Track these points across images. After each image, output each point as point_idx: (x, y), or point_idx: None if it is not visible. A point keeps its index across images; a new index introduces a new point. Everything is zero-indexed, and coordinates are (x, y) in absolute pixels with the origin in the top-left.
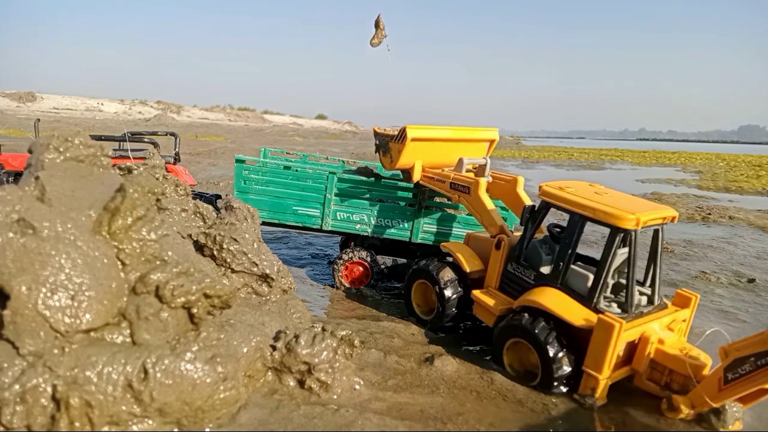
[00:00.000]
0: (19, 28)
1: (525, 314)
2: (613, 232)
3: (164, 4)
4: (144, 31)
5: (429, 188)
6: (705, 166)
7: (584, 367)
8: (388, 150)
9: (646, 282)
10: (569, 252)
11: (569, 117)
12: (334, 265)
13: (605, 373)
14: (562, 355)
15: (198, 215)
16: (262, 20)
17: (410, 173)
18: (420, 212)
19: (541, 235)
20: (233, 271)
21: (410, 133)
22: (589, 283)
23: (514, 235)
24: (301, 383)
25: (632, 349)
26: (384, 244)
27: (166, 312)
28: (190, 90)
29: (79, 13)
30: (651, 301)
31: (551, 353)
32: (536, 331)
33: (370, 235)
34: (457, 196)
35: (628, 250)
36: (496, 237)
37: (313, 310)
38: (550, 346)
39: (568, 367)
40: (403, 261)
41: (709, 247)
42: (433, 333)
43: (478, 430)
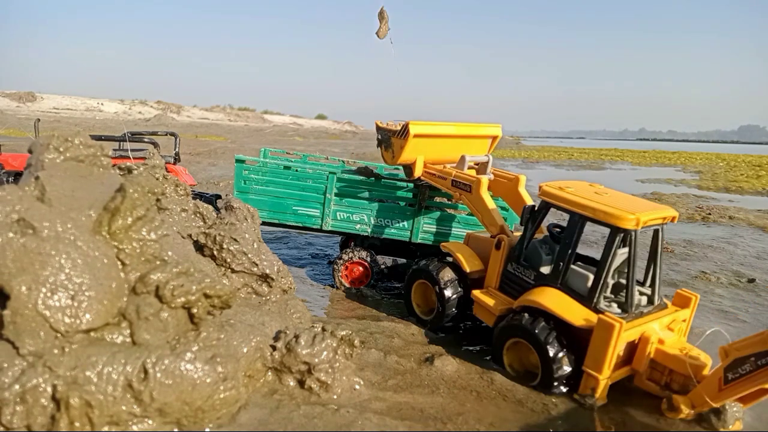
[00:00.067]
0: (19, 28)
1: (525, 314)
2: (613, 232)
3: (164, 4)
4: (144, 31)
5: (429, 187)
6: (705, 166)
7: (584, 367)
8: (390, 145)
9: (646, 282)
10: (569, 252)
11: (569, 117)
12: (334, 265)
13: (605, 373)
14: (562, 355)
15: (198, 215)
16: (262, 20)
17: (411, 169)
18: (420, 212)
19: (541, 235)
20: (233, 271)
21: (413, 129)
22: (589, 283)
23: (514, 235)
24: (301, 383)
25: (632, 349)
26: (384, 244)
27: (166, 312)
28: (190, 90)
29: (79, 13)
30: (651, 301)
31: (551, 353)
32: (536, 331)
33: (370, 235)
34: (459, 194)
35: (628, 250)
36: (496, 237)
37: (313, 310)
38: (550, 346)
39: (568, 367)
40: (403, 261)
41: (709, 247)
42: (433, 333)
43: (478, 430)
